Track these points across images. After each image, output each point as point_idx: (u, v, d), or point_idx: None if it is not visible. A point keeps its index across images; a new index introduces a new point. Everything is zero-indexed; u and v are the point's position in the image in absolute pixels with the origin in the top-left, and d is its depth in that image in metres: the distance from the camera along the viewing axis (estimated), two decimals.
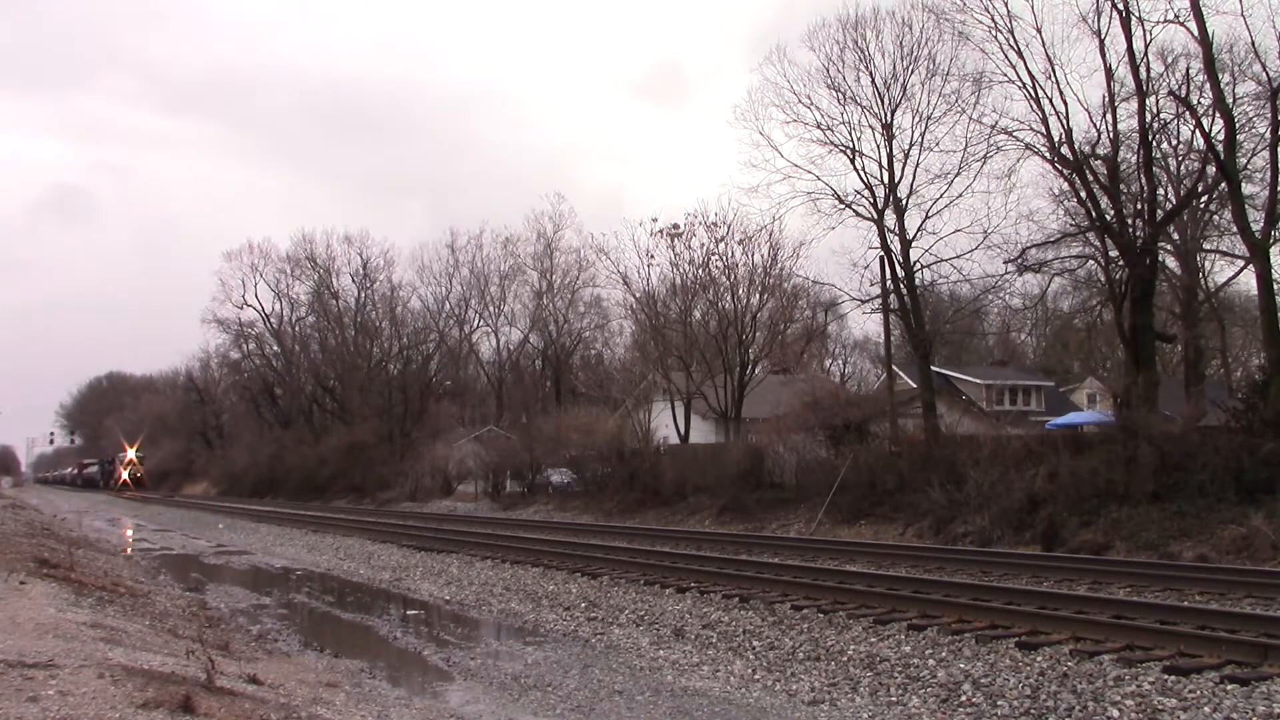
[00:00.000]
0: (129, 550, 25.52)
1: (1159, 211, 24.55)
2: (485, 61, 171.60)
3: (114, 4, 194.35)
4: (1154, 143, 24.49)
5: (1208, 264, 31.05)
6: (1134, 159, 24.67)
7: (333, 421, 69.07)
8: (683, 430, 40.01)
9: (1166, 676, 8.02)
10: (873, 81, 28.27)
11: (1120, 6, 23.21)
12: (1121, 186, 24.71)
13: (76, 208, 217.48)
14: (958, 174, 27.04)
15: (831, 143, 28.87)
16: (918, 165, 28.13)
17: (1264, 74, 21.98)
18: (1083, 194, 24.61)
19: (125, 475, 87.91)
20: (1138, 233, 24.35)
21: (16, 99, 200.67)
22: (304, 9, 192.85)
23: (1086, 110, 24.76)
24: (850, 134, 28.67)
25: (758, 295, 41.27)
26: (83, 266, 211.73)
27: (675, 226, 40.57)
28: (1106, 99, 24.22)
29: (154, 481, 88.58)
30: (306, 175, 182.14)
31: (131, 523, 39.57)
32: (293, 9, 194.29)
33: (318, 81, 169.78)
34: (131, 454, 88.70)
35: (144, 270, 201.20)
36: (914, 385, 34.28)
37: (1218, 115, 22.39)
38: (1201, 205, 26.54)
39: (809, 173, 29.13)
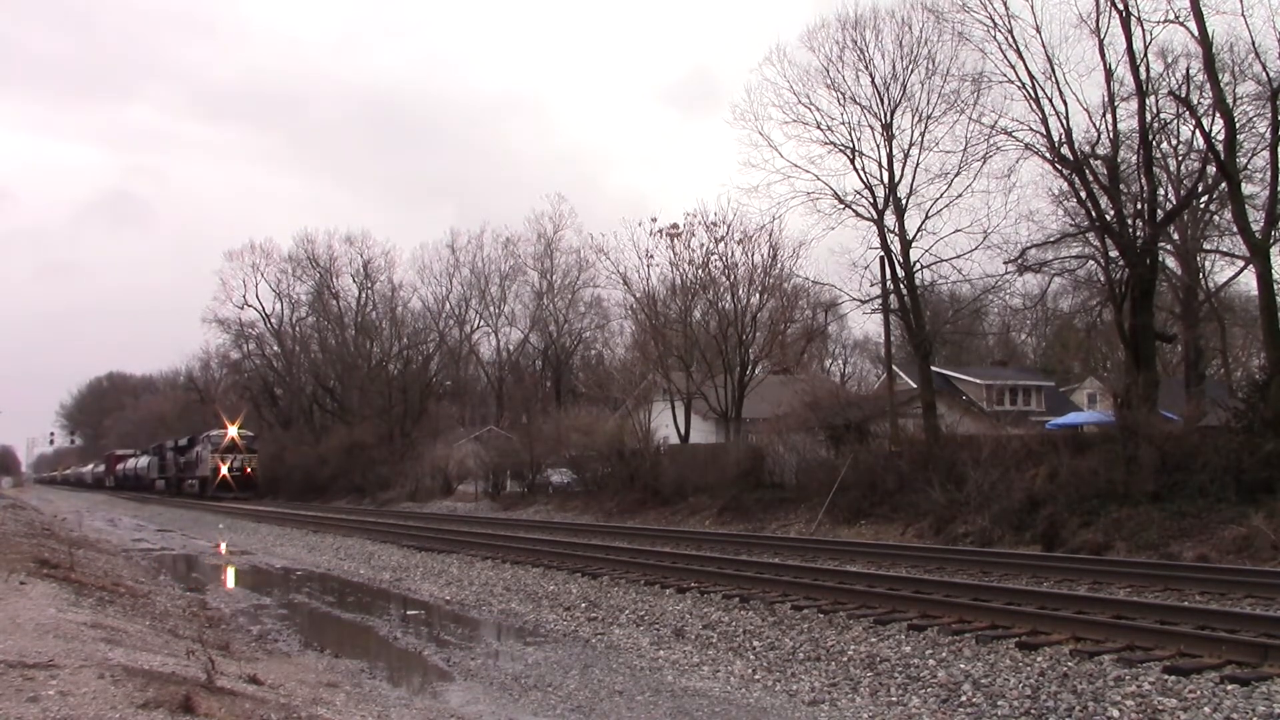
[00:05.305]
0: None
1: (1159, 211, 24.51)
2: (515, 69, 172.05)
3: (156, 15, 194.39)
4: (1154, 143, 24.45)
5: (1208, 264, 31.07)
6: (1134, 159, 24.62)
7: (333, 421, 69.01)
8: (683, 430, 40.00)
9: (1167, 676, 8.01)
10: (872, 81, 28.18)
11: (1120, 6, 23.17)
12: (1121, 186, 24.66)
13: (93, 213, 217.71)
14: (957, 174, 26.93)
15: (831, 143, 28.78)
16: (917, 165, 28.02)
17: (1264, 74, 21.94)
18: (1083, 194, 24.58)
19: (226, 471, 58.80)
20: (1138, 233, 24.32)
21: (21, 101, 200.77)
22: (343, 19, 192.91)
23: (1086, 110, 24.70)
24: (850, 134, 28.57)
25: (758, 295, 41.26)
26: (91, 269, 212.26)
27: (674, 226, 40.56)
28: (1106, 99, 24.19)
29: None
30: (336, 181, 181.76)
31: (133, 523, 39.56)
32: (331, 21, 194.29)
33: (352, 89, 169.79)
34: (233, 431, 59.48)
35: (150, 273, 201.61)
36: (914, 385, 34.26)
37: (1218, 115, 22.34)
38: (1201, 205, 26.51)
39: (808, 173, 29.00)
